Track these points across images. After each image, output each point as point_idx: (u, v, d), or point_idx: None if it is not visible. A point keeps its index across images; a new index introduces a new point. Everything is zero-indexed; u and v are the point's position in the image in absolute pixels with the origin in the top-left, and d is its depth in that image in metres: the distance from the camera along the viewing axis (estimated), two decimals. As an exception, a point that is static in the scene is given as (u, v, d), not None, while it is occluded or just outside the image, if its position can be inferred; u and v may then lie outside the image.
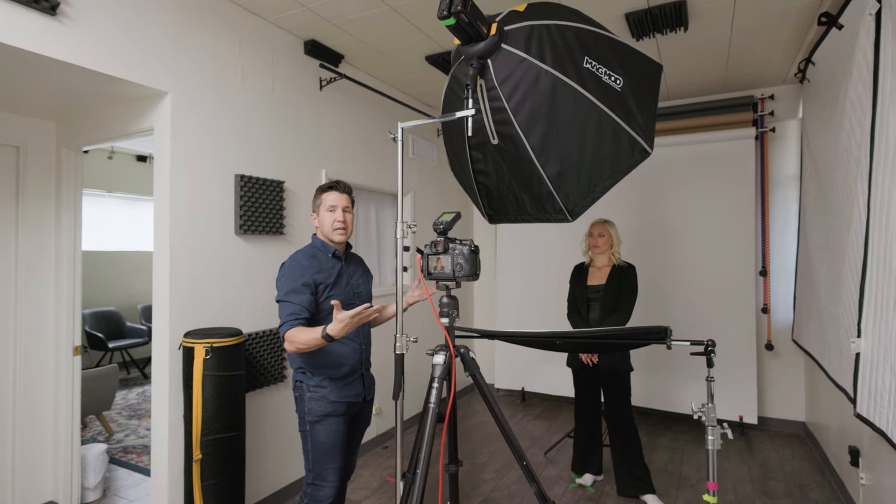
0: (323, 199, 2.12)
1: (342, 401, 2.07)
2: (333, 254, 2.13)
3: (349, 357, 2.11)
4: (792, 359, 4.10)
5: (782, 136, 4.16)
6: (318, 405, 2.04)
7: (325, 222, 2.10)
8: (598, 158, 2.00)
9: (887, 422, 1.99)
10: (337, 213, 2.09)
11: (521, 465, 1.67)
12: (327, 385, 2.05)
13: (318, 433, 2.04)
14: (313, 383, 2.06)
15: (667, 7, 2.80)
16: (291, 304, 1.94)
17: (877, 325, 2.11)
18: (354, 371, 2.13)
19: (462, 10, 1.71)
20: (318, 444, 2.03)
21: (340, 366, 2.08)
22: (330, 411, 2.04)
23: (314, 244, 2.14)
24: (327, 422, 2.04)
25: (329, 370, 2.06)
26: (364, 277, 2.27)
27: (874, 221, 2.19)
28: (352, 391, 2.10)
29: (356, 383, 2.13)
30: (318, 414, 2.03)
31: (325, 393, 2.05)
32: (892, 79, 2.04)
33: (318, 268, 2.05)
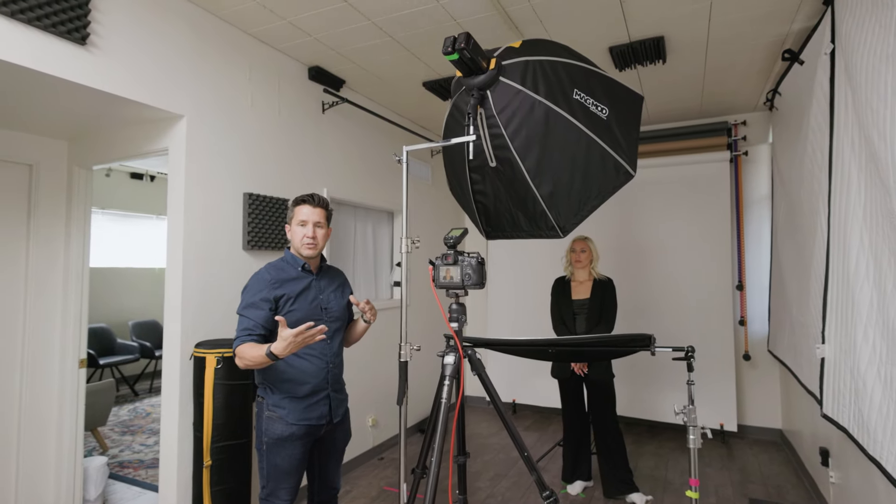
0: (295, 213, 2.07)
1: (301, 423, 1.97)
2: (303, 267, 2.08)
3: (313, 375, 2.02)
4: (768, 368, 4.32)
5: (754, 159, 4.44)
6: (276, 426, 1.95)
7: (295, 236, 2.06)
8: (587, 180, 2.19)
9: (849, 420, 2.19)
10: (307, 227, 2.04)
11: (522, 456, 1.82)
12: (286, 406, 1.96)
13: (273, 455, 1.96)
14: (271, 402, 1.98)
15: (646, 42, 3.05)
16: (247, 318, 1.92)
17: (838, 332, 2.33)
18: (319, 391, 2.03)
19: (465, 47, 1.91)
20: (273, 466, 1.96)
21: (302, 384, 1.99)
22: (287, 434, 1.95)
23: (284, 257, 2.11)
24: (284, 446, 1.96)
25: (289, 388, 1.97)
26: (338, 292, 2.19)
27: (833, 237, 2.42)
28: (314, 413, 2.01)
29: (321, 405, 2.03)
30: (274, 436, 1.95)
31: (283, 414, 1.95)
32: (845, 112, 2.28)
33: (281, 281, 2.01)
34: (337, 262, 3.81)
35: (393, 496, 3.31)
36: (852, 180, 2.23)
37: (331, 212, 2.17)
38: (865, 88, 2.03)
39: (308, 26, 2.88)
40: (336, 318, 2.13)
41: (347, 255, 3.97)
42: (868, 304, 2.07)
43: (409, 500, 1.77)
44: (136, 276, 6.82)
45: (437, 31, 2.92)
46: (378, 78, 3.63)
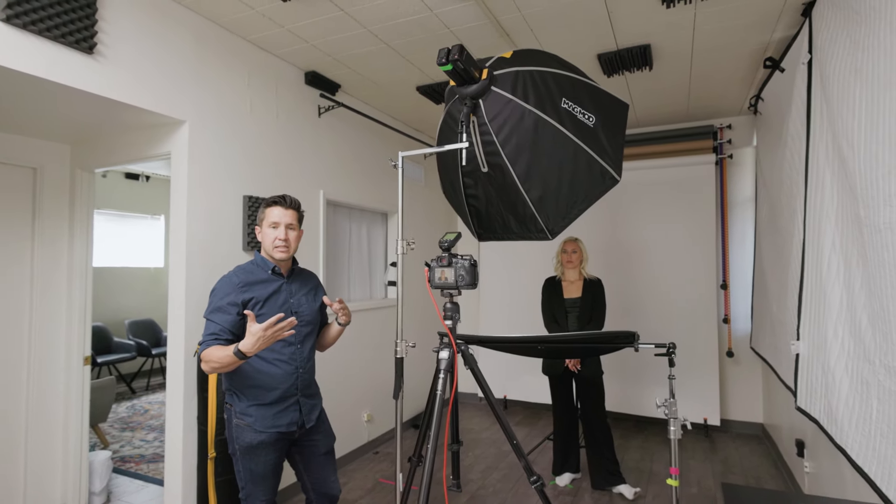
0: (267, 214, 2.02)
1: (270, 430, 1.93)
2: (273, 270, 2.03)
3: (281, 381, 1.96)
4: (750, 365, 4.47)
5: (739, 161, 4.58)
6: (245, 434, 1.92)
7: (266, 239, 2.01)
8: (575, 185, 2.30)
9: (820, 412, 2.32)
10: (279, 230, 1.99)
11: (512, 444, 1.93)
12: (253, 413, 1.92)
13: (248, 462, 1.94)
14: (239, 409, 1.94)
15: (633, 50, 3.17)
16: (214, 323, 1.87)
17: (811, 330, 2.46)
18: (288, 397, 1.98)
19: (458, 58, 2.01)
20: (249, 472, 1.95)
21: (271, 390, 1.95)
22: (257, 442, 1.92)
23: (254, 259, 2.06)
24: (256, 452, 1.93)
25: (257, 395, 1.93)
26: (310, 296, 2.14)
27: (808, 239, 2.55)
28: (283, 420, 1.96)
29: (290, 411, 1.98)
30: (244, 443, 1.92)
31: (251, 422, 1.91)
32: (821, 120, 2.41)
33: (249, 285, 1.96)
34: (332, 262, 3.91)
35: (388, 488, 3.42)
36: (826, 185, 2.35)
37: (303, 213, 2.13)
38: (837, 100, 2.16)
39: (305, 33, 2.97)
40: (308, 322, 2.08)
41: (343, 256, 4.06)
42: (838, 303, 2.20)
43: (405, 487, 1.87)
44: (131, 275, 6.87)
45: (431, 38, 3.02)
46: (373, 82, 3.72)
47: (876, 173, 1.75)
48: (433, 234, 5.27)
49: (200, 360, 1.83)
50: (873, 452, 1.83)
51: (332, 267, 3.90)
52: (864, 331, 1.95)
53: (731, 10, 2.73)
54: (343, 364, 3.82)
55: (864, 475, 1.86)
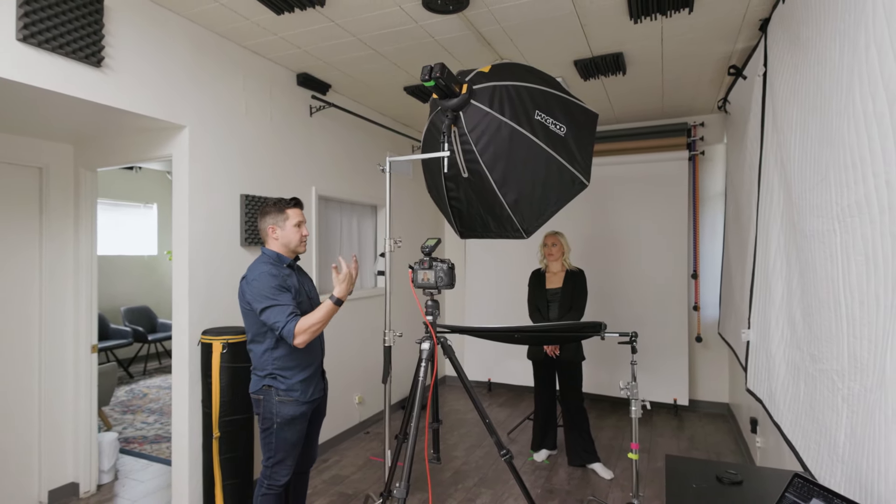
0: (289, 215, 2.28)
1: (310, 400, 2.23)
2: (289, 264, 2.29)
3: (317, 354, 2.28)
4: (718, 350, 4.77)
5: (711, 158, 4.83)
6: (289, 408, 2.17)
7: (292, 237, 2.26)
8: (547, 190, 2.53)
9: (763, 393, 2.61)
10: (303, 228, 2.29)
11: (485, 423, 2.18)
12: (299, 388, 2.18)
13: (285, 432, 2.18)
14: (284, 387, 2.17)
15: (607, 57, 3.37)
16: (283, 305, 2.08)
17: (759, 319, 2.73)
18: (317, 369, 2.31)
19: (440, 76, 2.22)
20: (284, 441, 2.19)
21: (310, 364, 2.25)
22: (300, 413, 2.18)
23: (269, 256, 2.25)
24: (297, 422, 2.19)
25: (304, 370, 2.21)
26: (310, 282, 2.46)
27: (760, 237, 2.81)
28: (318, 388, 2.29)
29: (319, 381, 2.32)
30: (287, 416, 2.17)
31: (297, 396, 2.17)
32: (771, 129, 2.65)
33: (283, 277, 2.21)
34: (325, 254, 4.12)
35: (378, 465, 3.68)
36: (774, 190, 2.60)
37: None
38: (781, 114, 2.39)
39: (298, 41, 3.13)
40: (316, 302, 2.41)
41: (334, 248, 4.27)
42: (780, 296, 2.47)
43: (393, 462, 2.13)
44: (126, 263, 7.02)
45: (417, 46, 3.20)
46: (362, 83, 3.90)
47: (805, 185, 2.00)
48: (421, 224, 5.48)
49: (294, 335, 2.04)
50: (799, 428, 2.10)
51: (325, 258, 4.11)
52: (797, 322, 2.22)
53: (695, 24, 2.94)
54: (336, 350, 4.06)
55: (792, 448, 2.14)
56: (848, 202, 1.56)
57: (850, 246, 1.57)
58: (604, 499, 3.18)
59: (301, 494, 2.51)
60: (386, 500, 2.29)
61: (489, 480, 3.43)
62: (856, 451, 1.51)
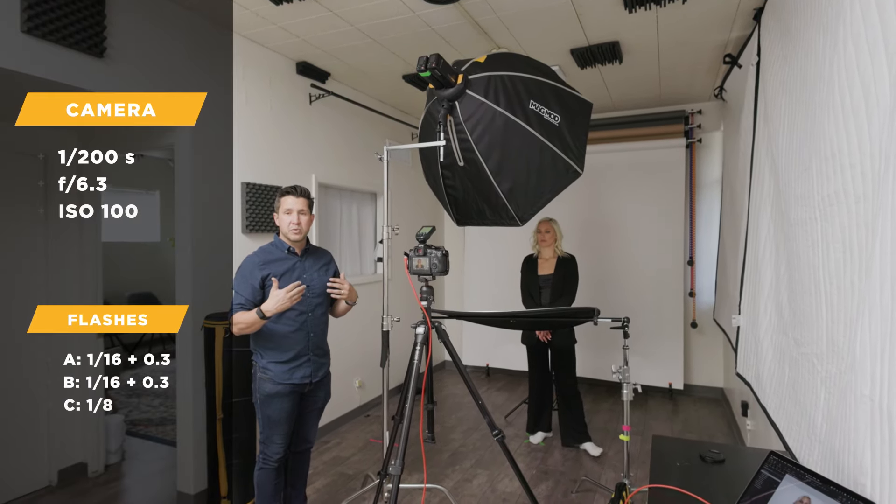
0: (281, 203, 2.36)
1: (285, 383, 2.31)
2: (289, 250, 2.38)
3: (296, 342, 2.34)
4: (713, 335, 4.85)
5: (708, 145, 4.85)
6: (265, 385, 2.31)
7: (282, 223, 2.36)
8: (541, 178, 2.58)
9: (752, 377, 2.68)
10: (292, 216, 2.33)
11: (478, 404, 2.26)
12: (272, 369, 2.30)
13: (266, 408, 2.32)
14: (261, 365, 2.32)
15: (603, 46, 3.40)
16: (239, 294, 2.27)
17: (749, 305, 2.79)
18: (301, 356, 2.35)
19: (435, 66, 2.26)
20: (266, 417, 2.33)
21: (287, 350, 2.32)
22: (275, 392, 2.30)
23: (273, 242, 2.42)
24: (274, 400, 2.30)
25: (275, 354, 2.31)
26: (322, 271, 2.47)
27: (751, 224, 2.86)
28: (297, 374, 2.34)
29: (303, 367, 2.35)
30: (265, 393, 2.31)
31: (272, 375, 2.30)
32: (763, 118, 2.69)
33: (267, 263, 2.31)
34: (324, 241, 4.18)
35: (377, 446, 3.78)
36: (764, 177, 2.64)
37: (312, 200, 2.45)
38: (771, 104, 2.43)
39: (296, 30, 3.16)
40: (318, 293, 2.43)
41: (334, 235, 4.33)
42: (769, 283, 2.53)
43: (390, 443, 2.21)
44: (129, 249, 7.10)
45: (414, 35, 3.23)
46: (361, 71, 3.93)
47: (790, 175, 2.05)
48: (420, 212, 5.53)
49: (231, 323, 2.22)
50: (783, 410, 2.18)
51: (325, 245, 4.16)
52: (784, 308, 2.28)
53: (690, 14, 2.96)
54: (337, 335, 4.11)
55: (776, 428, 2.21)
56: (828, 192, 1.61)
57: (829, 234, 1.62)
58: (597, 479, 3.28)
59: (301, 473, 2.60)
60: (383, 478, 2.38)
61: (485, 462, 3.53)
62: (831, 431, 1.58)
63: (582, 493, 3.12)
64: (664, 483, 1.66)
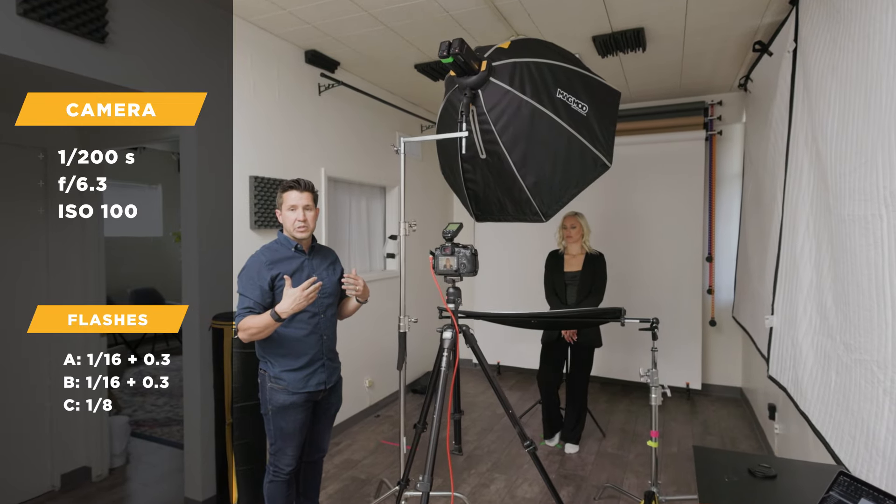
0: (284, 199, 2.18)
1: (301, 392, 2.14)
2: (296, 248, 2.21)
3: (309, 347, 2.18)
4: (731, 333, 4.71)
5: (728, 138, 4.70)
6: (279, 396, 2.12)
7: (287, 220, 2.18)
8: (567, 172, 2.44)
9: (788, 381, 2.54)
10: (297, 212, 2.15)
11: (508, 413, 2.13)
12: (285, 377, 2.13)
13: (279, 420, 2.14)
14: (272, 374, 2.14)
15: (627, 33, 3.24)
16: (246, 297, 2.07)
17: (784, 305, 2.65)
18: (315, 361, 2.20)
19: (459, 52, 2.11)
20: (279, 429, 2.16)
21: (300, 356, 2.16)
22: (290, 402, 2.13)
23: (278, 239, 2.24)
24: (288, 412, 2.13)
25: (288, 361, 2.14)
26: (330, 270, 2.32)
27: (786, 220, 2.71)
28: (313, 381, 2.18)
29: (318, 373, 2.20)
30: (278, 404, 2.12)
31: (285, 385, 2.13)
32: (802, 109, 2.54)
33: (275, 262, 2.14)
34: (333, 236, 4.04)
35: (389, 448, 3.66)
36: (804, 171, 2.50)
37: (316, 193, 2.28)
38: (816, 93, 2.28)
39: (307, 16, 3.01)
40: (329, 293, 2.28)
41: (343, 230, 4.20)
42: (808, 283, 2.39)
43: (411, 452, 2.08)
44: (131, 244, 6.97)
45: (430, 21, 3.08)
46: (372, 60, 3.77)
47: (844, 168, 1.90)
48: (431, 207, 5.39)
49: (237, 329, 2.04)
50: (830, 419, 2.04)
51: (334, 241, 4.04)
52: (829, 309, 2.14)
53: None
54: (346, 333, 3.99)
55: (822, 438, 2.08)
56: (898, 186, 1.47)
57: (899, 232, 1.48)
58: (618, 483, 3.16)
59: (314, 483, 2.48)
60: (403, 489, 2.25)
61: (502, 465, 3.41)
62: (899, 446, 1.45)
63: (605, 499, 3.00)
64: (715, 501, 1.54)
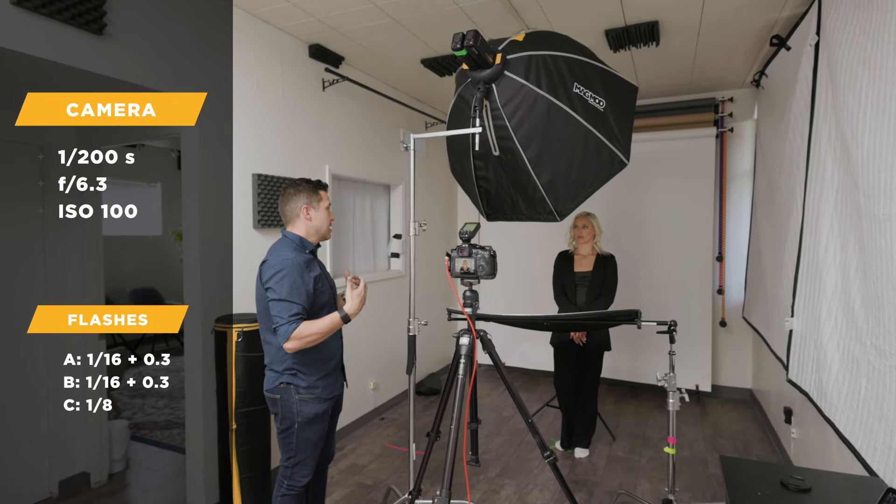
0: (322, 197, 2.15)
1: (332, 397, 2.11)
2: (312, 250, 2.15)
3: (337, 350, 2.16)
4: (742, 334, 4.63)
5: (739, 135, 4.61)
6: (310, 406, 2.04)
7: (324, 221, 2.13)
8: (584, 169, 2.35)
9: (810, 385, 2.46)
10: (330, 211, 2.17)
11: (527, 423, 2.05)
12: (320, 385, 2.06)
13: (307, 432, 2.05)
14: (305, 384, 2.04)
15: (641, 26, 3.15)
16: (295, 304, 1.90)
17: (806, 308, 2.57)
18: (337, 364, 2.19)
19: (473, 44, 2.02)
20: (306, 441, 2.06)
21: (330, 359, 2.12)
22: (322, 411, 2.07)
23: (292, 241, 2.08)
24: (319, 421, 2.07)
25: (323, 367, 2.08)
26: (326, 271, 2.29)
27: (807, 222, 2.63)
28: (338, 384, 2.17)
29: (340, 376, 2.20)
30: (308, 415, 2.03)
31: (318, 393, 2.05)
32: (825, 104, 2.45)
33: (308, 264, 2.06)
34: (337, 236, 3.96)
35: (395, 453, 3.58)
36: (826, 169, 2.41)
37: None
38: (843, 87, 2.19)
39: (311, 8, 2.92)
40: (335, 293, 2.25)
41: (347, 229, 4.11)
42: (833, 284, 2.30)
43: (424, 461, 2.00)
44: (130, 243, 6.88)
45: (439, 14, 2.99)
46: (377, 55, 3.68)
47: (879, 165, 1.81)
48: (436, 205, 5.30)
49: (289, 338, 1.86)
50: (860, 426, 1.96)
51: (337, 240, 3.95)
52: (857, 313, 2.05)
53: (742, -11, 2.72)
54: (350, 334, 3.91)
55: (851, 447, 2.00)
56: (947, 184, 1.39)
57: (946, 233, 1.40)
58: (631, 489, 3.08)
59: (321, 491, 2.40)
60: (415, 498, 2.17)
61: (512, 470, 3.33)
62: (945, 460, 1.37)
63: (618, 506, 2.92)
64: (749, 517, 1.46)
